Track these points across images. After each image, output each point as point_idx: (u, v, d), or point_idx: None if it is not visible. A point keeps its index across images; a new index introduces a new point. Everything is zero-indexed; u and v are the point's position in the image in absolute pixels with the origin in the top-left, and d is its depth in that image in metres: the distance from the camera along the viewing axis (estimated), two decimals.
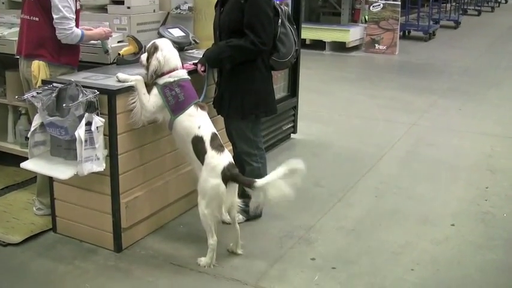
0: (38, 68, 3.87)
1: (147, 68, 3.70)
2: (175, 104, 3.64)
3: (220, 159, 3.57)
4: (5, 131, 5.05)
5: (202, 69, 3.99)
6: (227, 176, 3.54)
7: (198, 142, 3.61)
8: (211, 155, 3.58)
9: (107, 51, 4.23)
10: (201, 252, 3.70)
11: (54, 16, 3.82)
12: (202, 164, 3.60)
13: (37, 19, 3.92)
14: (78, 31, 3.89)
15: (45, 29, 3.90)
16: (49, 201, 4.05)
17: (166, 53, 3.70)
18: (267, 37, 3.87)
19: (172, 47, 3.80)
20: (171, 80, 3.66)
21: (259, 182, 3.52)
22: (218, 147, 3.61)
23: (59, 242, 3.94)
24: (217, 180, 3.53)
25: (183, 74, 3.74)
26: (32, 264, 3.69)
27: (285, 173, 3.45)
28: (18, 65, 4.20)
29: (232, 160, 3.65)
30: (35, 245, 3.90)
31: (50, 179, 3.95)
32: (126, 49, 4.26)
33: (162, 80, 3.67)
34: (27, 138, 4.42)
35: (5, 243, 3.87)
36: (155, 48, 3.71)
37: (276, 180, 3.48)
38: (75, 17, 3.89)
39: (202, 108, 3.72)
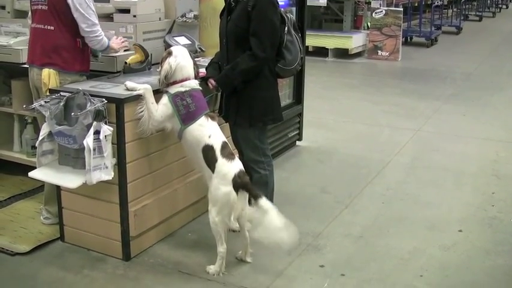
0: (48, 76, 3.88)
1: (159, 73, 3.69)
2: (186, 113, 3.63)
3: (231, 166, 3.56)
4: (11, 140, 5.04)
5: (213, 84, 3.98)
6: (238, 184, 3.52)
7: (208, 151, 3.60)
8: (222, 162, 3.57)
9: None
10: (210, 260, 3.70)
11: (83, 25, 3.85)
12: (213, 172, 3.58)
13: (52, 28, 3.92)
14: (105, 38, 3.96)
15: (60, 38, 3.92)
16: (56, 210, 4.05)
17: (180, 60, 3.68)
18: (271, 45, 3.86)
19: (187, 55, 3.76)
20: (183, 89, 3.65)
21: (264, 201, 3.49)
22: (229, 155, 3.61)
23: (67, 250, 3.93)
24: (228, 188, 3.52)
25: (195, 84, 3.72)
26: (40, 274, 3.68)
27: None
28: (24, 73, 4.20)
29: (243, 168, 3.64)
30: (43, 254, 3.90)
31: (58, 188, 3.94)
32: (133, 57, 4.27)
33: (173, 89, 3.65)
34: (33, 147, 4.45)
35: (13, 253, 3.86)
36: (168, 54, 3.70)
37: (275, 218, 3.47)
38: None
39: (212, 118, 3.72)
